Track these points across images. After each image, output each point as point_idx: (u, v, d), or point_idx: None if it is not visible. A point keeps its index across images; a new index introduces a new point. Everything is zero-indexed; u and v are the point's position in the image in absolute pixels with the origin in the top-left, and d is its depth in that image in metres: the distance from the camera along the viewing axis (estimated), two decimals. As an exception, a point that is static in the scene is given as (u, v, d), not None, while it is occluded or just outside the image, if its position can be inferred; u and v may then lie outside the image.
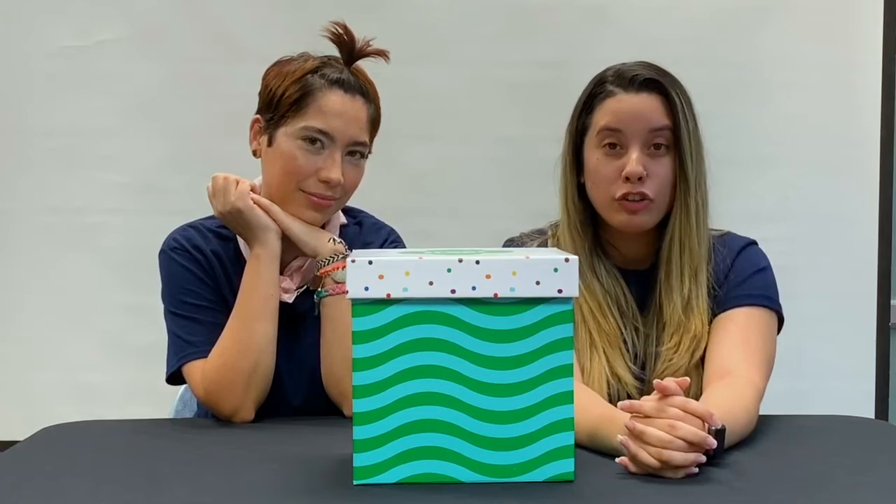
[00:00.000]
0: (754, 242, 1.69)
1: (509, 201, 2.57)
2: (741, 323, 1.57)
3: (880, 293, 2.68)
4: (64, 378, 2.67)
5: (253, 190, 1.67)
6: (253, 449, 1.40)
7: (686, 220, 1.59)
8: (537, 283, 1.16)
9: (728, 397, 1.39)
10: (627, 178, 1.55)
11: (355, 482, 1.18)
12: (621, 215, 1.58)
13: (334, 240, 1.64)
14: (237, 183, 1.62)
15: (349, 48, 1.66)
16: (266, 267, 1.60)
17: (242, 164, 1.74)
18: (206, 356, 1.59)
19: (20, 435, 1.49)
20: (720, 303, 1.60)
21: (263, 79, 1.68)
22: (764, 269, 1.64)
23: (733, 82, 2.61)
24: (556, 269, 1.17)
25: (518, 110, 2.65)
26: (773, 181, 2.64)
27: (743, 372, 1.48)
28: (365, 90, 1.65)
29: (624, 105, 1.58)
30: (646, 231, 1.61)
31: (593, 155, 1.60)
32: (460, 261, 1.16)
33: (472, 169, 2.66)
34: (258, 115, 1.67)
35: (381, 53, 1.69)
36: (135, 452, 1.38)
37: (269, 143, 1.64)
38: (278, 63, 1.67)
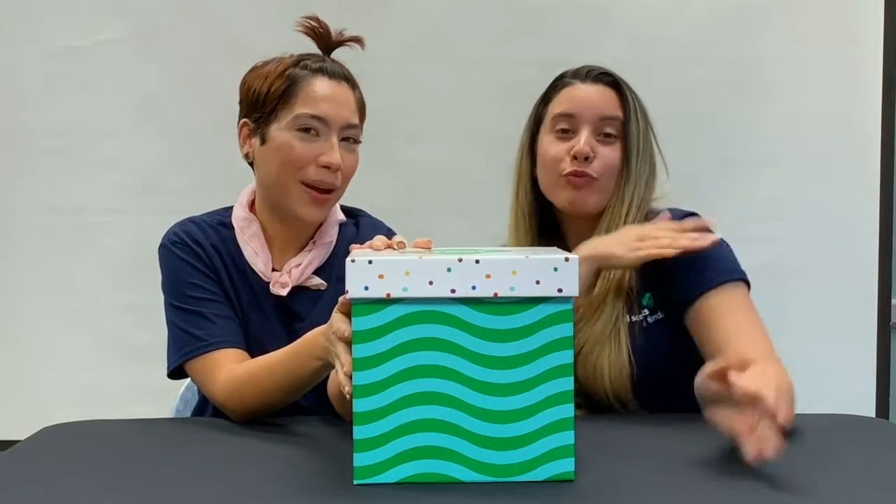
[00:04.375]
0: (695, 214, 1.64)
1: (509, 201, 2.57)
2: (721, 309, 1.53)
3: (880, 293, 2.68)
4: (64, 378, 2.67)
5: (252, 203, 1.66)
6: (253, 449, 1.40)
7: (619, 208, 1.64)
8: (537, 282, 1.16)
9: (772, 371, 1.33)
10: (575, 157, 1.62)
11: (355, 482, 1.18)
12: (566, 192, 1.64)
13: None
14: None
15: (325, 38, 1.69)
16: (313, 371, 1.44)
17: (242, 164, 1.74)
18: (209, 350, 1.58)
19: (20, 435, 1.49)
20: (684, 287, 1.55)
21: (242, 86, 1.68)
22: (717, 242, 1.58)
23: (733, 82, 2.61)
24: (555, 269, 1.17)
25: (518, 110, 2.63)
26: (772, 181, 2.64)
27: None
28: (348, 76, 1.67)
29: (580, 93, 1.67)
30: (590, 218, 1.65)
31: (545, 140, 1.68)
32: (460, 260, 1.16)
33: (472, 169, 2.66)
34: (245, 119, 1.67)
35: (357, 40, 1.71)
36: (135, 452, 1.38)
37: (263, 142, 1.63)
38: (253, 69, 1.68)
